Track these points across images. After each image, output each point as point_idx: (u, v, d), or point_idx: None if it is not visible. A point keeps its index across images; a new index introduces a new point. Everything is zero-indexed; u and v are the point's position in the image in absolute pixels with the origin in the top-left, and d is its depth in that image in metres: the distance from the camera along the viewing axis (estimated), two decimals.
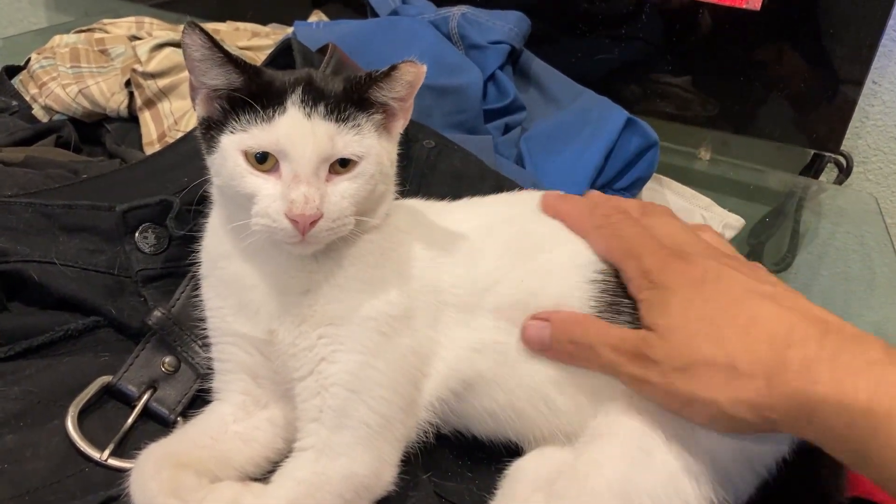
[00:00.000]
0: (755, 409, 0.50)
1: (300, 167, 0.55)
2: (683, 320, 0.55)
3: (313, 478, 0.56)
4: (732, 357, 0.51)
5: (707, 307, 0.54)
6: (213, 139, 0.58)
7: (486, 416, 0.64)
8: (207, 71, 0.57)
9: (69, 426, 0.62)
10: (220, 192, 0.61)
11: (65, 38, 1.14)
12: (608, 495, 0.55)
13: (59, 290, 0.70)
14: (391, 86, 0.59)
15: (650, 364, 0.55)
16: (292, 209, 0.54)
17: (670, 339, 0.54)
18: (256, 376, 0.64)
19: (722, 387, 0.52)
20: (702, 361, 0.53)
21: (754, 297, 0.54)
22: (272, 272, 0.61)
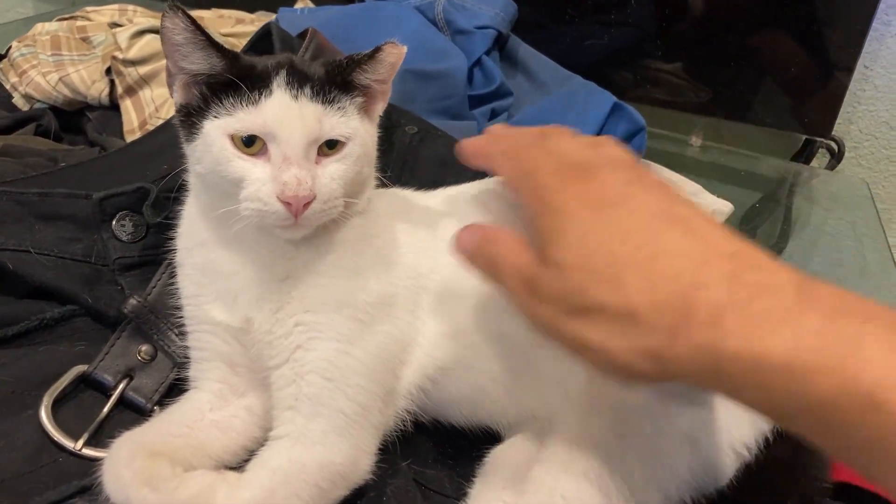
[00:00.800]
0: (654, 360, 0.44)
1: (290, 149, 0.54)
2: (579, 255, 0.47)
3: (288, 466, 0.55)
4: (631, 302, 0.44)
5: (607, 239, 0.46)
6: (194, 126, 0.57)
7: (461, 402, 0.63)
8: (189, 55, 0.56)
9: (43, 416, 0.61)
10: (202, 179, 0.60)
11: (46, 26, 1.13)
12: (584, 480, 0.54)
13: (34, 278, 0.69)
14: (374, 68, 0.59)
15: (542, 301, 0.48)
16: (285, 191, 0.53)
17: (563, 278, 0.47)
18: (233, 365, 0.63)
19: (617, 335, 0.45)
20: (597, 306, 0.45)
21: (661, 225, 0.46)
22: (251, 259, 0.60)
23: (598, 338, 0.46)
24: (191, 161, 0.60)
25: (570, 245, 0.47)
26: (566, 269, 0.47)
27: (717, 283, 0.42)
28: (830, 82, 1.34)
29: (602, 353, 0.46)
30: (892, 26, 1.34)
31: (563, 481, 0.55)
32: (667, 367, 0.44)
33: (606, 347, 0.45)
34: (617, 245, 0.46)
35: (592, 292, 0.46)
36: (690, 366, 0.43)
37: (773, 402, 0.41)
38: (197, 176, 0.60)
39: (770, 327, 0.40)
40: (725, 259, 0.44)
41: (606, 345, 0.45)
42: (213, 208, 0.59)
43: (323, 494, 0.56)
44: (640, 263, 0.45)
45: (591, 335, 0.46)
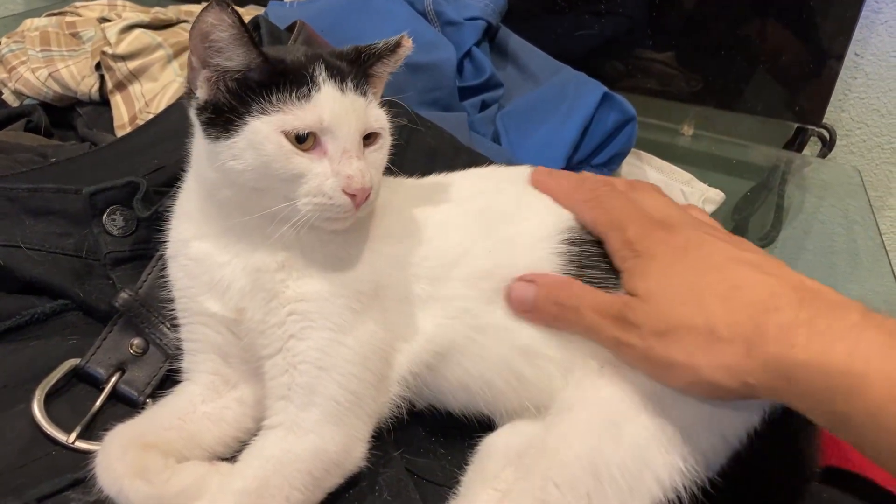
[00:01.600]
0: (734, 374, 0.50)
1: (348, 142, 0.56)
2: (665, 285, 0.55)
3: (281, 455, 0.56)
4: (712, 322, 0.51)
5: (688, 274, 0.55)
6: (232, 123, 0.55)
7: (458, 388, 0.63)
8: (225, 50, 0.55)
9: (35, 409, 0.61)
10: (235, 177, 0.56)
11: (35, 22, 1.13)
12: (577, 468, 0.54)
13: (25, 274, 0.69)
14: (394, 61, 0.62)
15: (631, 327, 0.55)
16: (351, 184, 0.55)
17: (651, 302, 0.55)
18: (226, 356, 0.64)
19: (701, 352, 0.52)
20: (681, 326, 0.53)
21: (736, 265, 0.55)
22: (248, 249, 0.60)
23: (683, 356, 0.52)
24: (218, 159, 0.56)
25: (656, 278, 0.56)
26: (654, 295, 0.55)
27: (787, 307, 0.50)
28: (821, 70, 1.34)
29: (689, 369, 0.52)
30: (882, 14, 1.34)
31: (556, 469, 0.55)
32: (744, 380, 0.50)
33: (693, 364, 0.52)
34: (698, 277, 0.54)
35: (678, 313, 0.53)
36: (765, 377, 0.49)
37: (832, 407, 0.47)
38: (222, 173, 0.57)
39: (834, 338, 0.47)
40: (794, 289, 0.51)
41: (692, 361, 0.52)
42: (258, 207, 0.57)
43: (316, 483, 0.56)
44: (718, 291, 0.53)
45: (678, 354, 0.53)
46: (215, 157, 0.57)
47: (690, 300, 0.53)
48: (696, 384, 0.53)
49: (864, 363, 0.45)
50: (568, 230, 0.64)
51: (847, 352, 0.46)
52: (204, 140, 0.58)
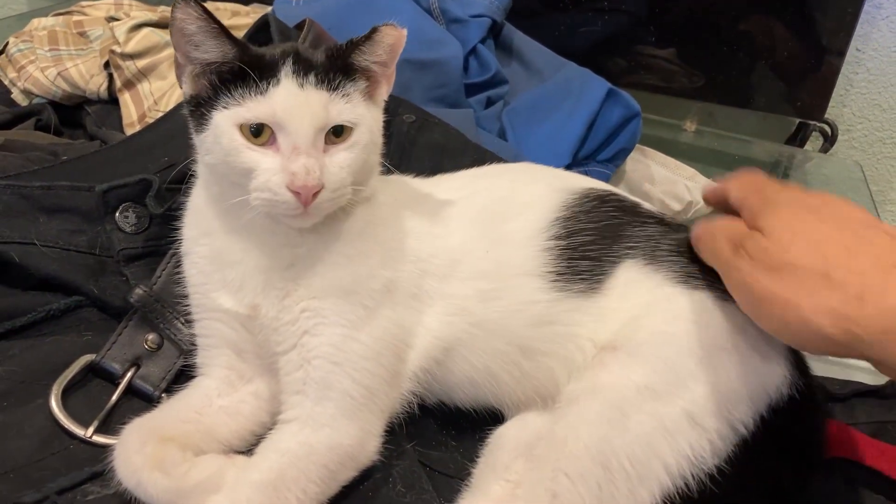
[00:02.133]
0: (839, 319, 0.49)
1: (299, 138, 0.55)
2: (788, 224, 0.54)
3: (297, 448, 0.57)
4: (829, 266, 0.50)
5: (818, 224, 0.53)
6: (204, 117, 0.57)
7: (465, 381, 0.64)
8: (200, 45, 0.56)
9: (53, 404, 0.62)
10: (212, 170, 0.60)
11: (43, 21, 1.13)
12: (586, 458, 0.55)
13: (40, 270, 0.70)
14: (373, 49, 0.59)
15: (745, 257, 0.55)
16: (294, 181, 0.54)
17: (772, 238, 0.53)
18: (240, 351, 0.64)
19: (808, 292, 0.50)
20: (797, 265, 0.51)
21: (869, 228, 0.53)
22: (256, 247, 0.61)
23: (788, 294, 0.51)
24: (200, 152, 0.60)
25: (786, 219, 0.54)
26: (774, 231, 0.54)
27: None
28: (823, 66, 1.35)
29: (791, 307, 0.51)
30: (884, 9, 1.35)
31: (565, 459, 0.56)
32: (849, 327, 0.48)
33: (796, 302, 0.50)
34: (827, 228, 0.53)
35: (794, 251, 0.52)
36: (876, 325, 0.48)
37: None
38: (206, 166, 0.61)
39: None
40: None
41: (795, 298, 0.50)
42: (223, 199, 0.59)
43: (332, 475, 0.57)
44: (844, 243, 0.51)
45: (783, 291, 0.51)
46: (199, 150, 0.60)
47: (813, 244, 0.52)
48: (792, 324, 0.51)
49: None
50: (556, 224, 0.64)
51: None
52: (193, 133, 0.60)
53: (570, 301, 0.63)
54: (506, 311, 0.63)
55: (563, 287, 0.63)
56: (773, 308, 0.52)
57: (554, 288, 0.63)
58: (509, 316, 0.63)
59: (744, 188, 0.60)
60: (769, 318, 0.54)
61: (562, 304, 0.63)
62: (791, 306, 0.51)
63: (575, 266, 0.63)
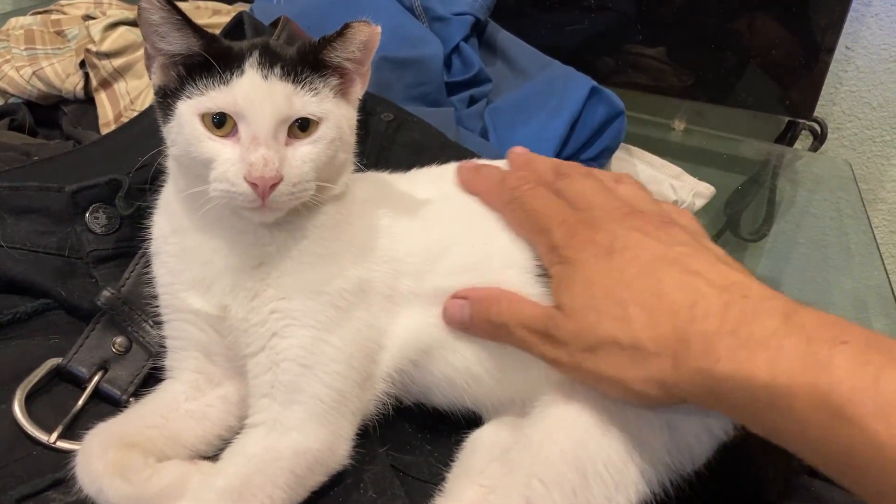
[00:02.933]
0: (664, 387, 0.50)
1: (259, 128, 0.54)
2: (588, 299, 0.54)
3: (264, 453, 0.55)
4: (637, 336, 0.51)
5: (612, 283, 0.53)
6: (170, 107, 0.57)
7: (443, 382, 0.63)
8: (165, 35, 0.56)
9: (16, 409, 0.60)
10: (177, 161, 0.59)
11: (20, 21, 1.12)
12: (562, 463, 0.54)
13: (7, 273, 0.69)
14: (345, 46, 0.58)
15: (558, 344, 0.55)
16: (252, 172, 0.53)
17: (576, 319, 0.54)
18: (210, 353, 0.63)
19: (628, 366, 0.51)
20: (607, 341, 0.52)
21: (661, 266, 0.53)
22: (225, 246, 0.60)
23: (612, 371, 0.52)
24: (168, 143, 0.59)
25: (580, 292, 0.54)
26: (578, 311, 0.54)
27: (710, 315, 0.48)
28: (812, 64, 1.34)
29: (619, 384, 0.52)
30: (873, 7, 1.34)
31: (540, 464, 0.55)
32: (672, 392, 0.50)
33: (621, 378, 0.52)
34: (622, 289, 0.53)
35: (603, 328, 0.52)
36: (691, 388, 0.49)
37: (760, 419, 0.46)
38: (173, 158, 0.60)
39: (754, 351, 0.45)
40: (719, 292, 0.49)
41: (621, 376, 0.52)
42: (186, 189, 0.58)
43: (299, 481, 0.55)
44: (643, 303, 0.51)
45: (607, 369, 0.52)
46: (166, 142, 0.59)
47: (614, 314, 0.52)
48: (628, 397, 0.53)
49: (786, 375, 0.43)
50: None
51: (768, 364, 0.44)
52: (161, 126, 0.59)
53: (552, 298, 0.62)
54: None
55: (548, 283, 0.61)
56: (606, 386, 0.54)
57: (542, 283, 0.61)
58: None
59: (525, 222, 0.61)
60: (610, 393, 0.54)
61: (549, 299, 0.62)
62: (620, 383, 0.52)
63: None
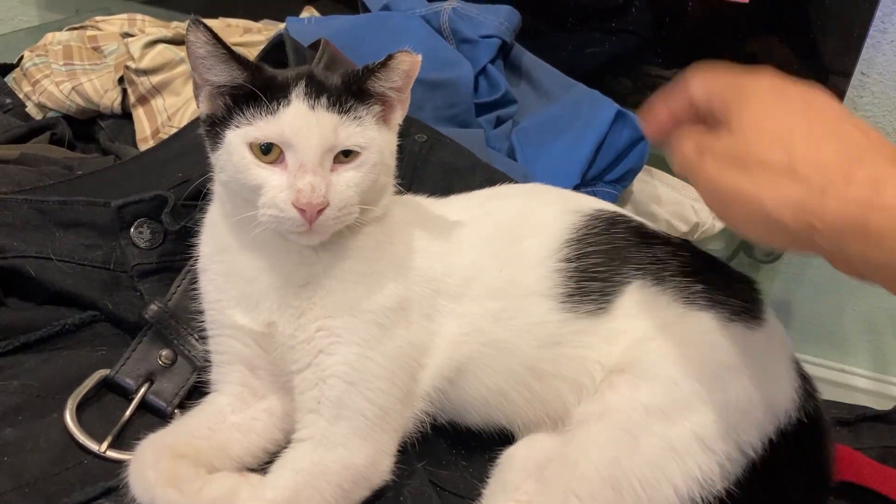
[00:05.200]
0: (800, 212, 0.48)
1: (306, 157, 0.56)
2: (757, 121, 0.52)
3: (312, 468, 0.57)
4: (794, 160, 0.49)
5: (786, 117, 0.52)
6: (218, 136, 0.59)
7: (478, 402, 0.65)
8: (211, 67, 0.58)
9: (67, 419, 0.62)
10: (225, 187, 0.61)
11: (57, 36, 1.15)
12: (597, 480, 0.56)
13: (55, 285, 0.71)
14: (388, 75, 0.60)
15: (710, 154, 0.53)
16: (299, 198, 0.55)
17: (738, 134, 0.52)
18: (254, 368, 0.65)
19: (771, 185, 0.49)
20: (762, 160, 0.50)
21: (840, 120, 0.52)
22: (272, 265, 0.62)
23: (751, 188, 0.50)
24: (216, 169, 0.61)
25: (750, 112, 0.52)
26: (743, 128, 0.52)
27: (882, 163, 0.48)
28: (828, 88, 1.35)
29: (755, 202, 0.50)
30: (889, 33, 1.36)
31: (576, 481, 0.57)
32: (810, 220, 0.48)
33: (759, 197, 0.50)
34: (793, 118, 0.51)
35: (759, 146, 0.51)
36: (836, 222, 0.47)
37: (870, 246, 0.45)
38: (221, 184, 0.62)
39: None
40: (890, 152, 0.49)
41: (757, 192, 0.50)
42: (236, 214, 0.60)
43: (345, 495, 0.57)
44: (811, 133, 0.50)
45: (747, 186, 0.51)
46: (214, 168, 0.61)
47: (779, 137, 0.50)
48: (755, 218, 0.51)
49: None
50: (567, 245, 0.65)
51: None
52: (210, 151, 0.61)
53: (579, 322, 0.64)
54: (517, 331, 0.64)
55: (573, 308, 0.64)
56: (737, 203, 0.52)
57: (563, 309, 0.64)
58: (520, 336, 0.64)
59: (709, 86, 0.57)
60: (735, 215, 0.53)
61: (571, 325, 0.64)
62: (755, 200, 0.50)
63: (584, 287, 0.64)
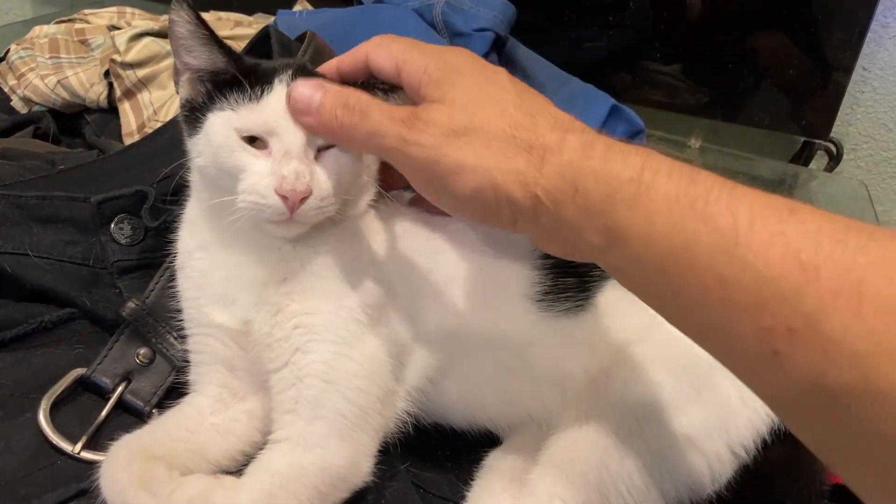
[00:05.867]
0: (524, 181, 0.48)
1: (292, 144, 0.55)
2: (471, 92, 0.51)
3: (288, 470, 0.55)
4: (515, 130, 0.48)
5: (500, 92, 0.51)
6: (198, 120, 0.57)
7: (458, 402, 0.64)
8: (192, 49, 0.57)
9: (41, 419, 0.61)
10: (202, 173, 0.60)
11: (45, 29, 1.13)
12: (583, 485, 0.54)
13: (32, 281, 0.69)
14: None
15: (424, 125, 0.50)
16: (283, 185, 0.53)
17: (454, 103, 0.51)
18: (233, 368, 0.63)
19: (494, 154, 0.48)
20: (481, 127, 0.49)
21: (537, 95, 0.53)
22: (250, 261, 0.60)
23: (474, 158, 0.49)
24: (192, 155, 0.60)
25: (464, 86, 0.51)
26: (457, 98, 0.51)
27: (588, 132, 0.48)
28: (829, 84, 1.34)
29: (480, 172, 0.49)
30: (891, 28, 1.34)
31: (562, 484, 0.55)
32: (532, 190, 0.48)
33: (484, 166, 0.49)
34: (504, 92, 0.51)
35: (481, 115, 0.49)
36: (552, 185, 0.47)
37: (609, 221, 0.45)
38: (198, 170, 0.60)
39: (626, 154, 0.45)
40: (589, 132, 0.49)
41: (483, 163, 0.49)
42: (210, 200, 0.59)
43: (323, 498, 0.56)
44: (524, 106, 0.50)
45: (469, 155, 0.49)
46: (191, 154, 0.59)
47: (496, 107, 0.50)
48: (482, 190, 0.49)
49: (651, 174, 0.43)
50: None
51: (637, 165, 0.44)
52: (186, 138, 0.60)
53: (556, 322, 0.62)
54: (494, 331, 0.63)
55: (548, 307, 0.62)
56: (462, 176, 0.49)
57: (539, 308, 0.62)
58: (497, 336, 0.63)
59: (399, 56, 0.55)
60: (460, 191, 0.50)
61: (549, 325, 0.62)
62: (481, 171, 0.49)
63: (559, 283, 0.62)
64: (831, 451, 0.38)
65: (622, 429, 0.56)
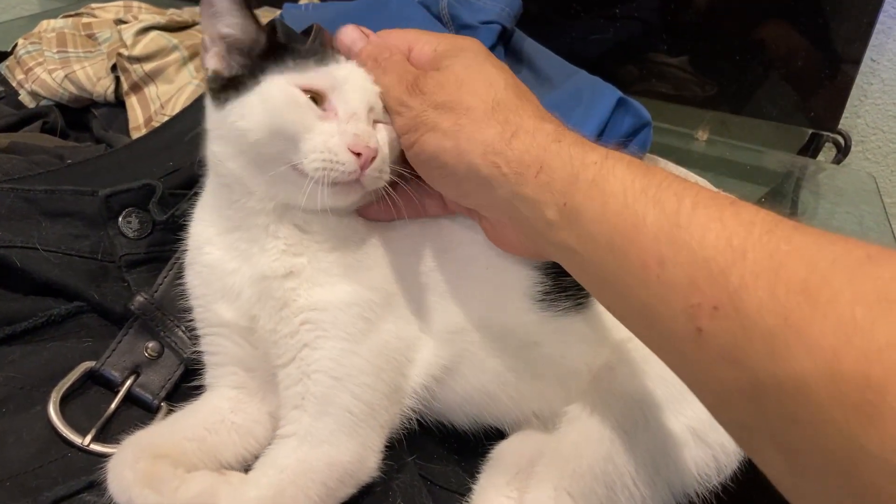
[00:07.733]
0: (488, 152, 0.51)
1: (359, 108, 0.56)
2: (470, 67, 0.56)
3: (296, 465, 0.55)
4: (498, 105, 0.53)
5: (496, 71, 0.56)
6: (236, 89, 0.56)
7: (464, 401, 0.64)
8: (229, 16, 0.57)
9: (51, 411, 0.61)
10: (239, 144, 0.57)
11: (52, 23, 1.13)
12: (590, 478, 0.54)
13: (42, 275, 0.70)
14: None
15: (417, 93, 0.56)
16: (357, 142, 0.54)
17: (447, 77, 0.55)
18: (250, 369, 0.63)
19: (467, 123, 0.52)
20: (463, 103, 0.53)
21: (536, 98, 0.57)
22: (253, 255, 0.60)
23: (449, 124, 0.53)
24: (224, 123, 0.57)
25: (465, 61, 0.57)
26: (452, 71, 0.56)
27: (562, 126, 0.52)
28: (837, 76, 1.33)
29: (451, 136, 0.53)
30: None
31: (569, 478, 0.55)
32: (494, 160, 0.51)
33: (455, 131, 0.53)
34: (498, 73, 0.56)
35: (469, 87, 0.54)
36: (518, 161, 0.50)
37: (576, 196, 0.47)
38: (227, 140, 0.58)
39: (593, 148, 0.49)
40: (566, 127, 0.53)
41: (455, 129, 0.53)
42: (264, 171, 0.57)
43: (330, 493, 0.56)
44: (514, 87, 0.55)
45: (446, 122, 0.54)
46: (221, 123, 0.58)
47: (488, 82, 0.54)
48: (449, 156, 0.53)
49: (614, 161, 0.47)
50: None
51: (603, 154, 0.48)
52: (212, 111, 0.59)
53: (559, 321, 0.62)
54: (499, 330, 0.63)
55: (551, 306, 0.62)
56: (433, 139, 0.54)
57: (541, 308, 0.62)
58: (502, 336, 0.63)
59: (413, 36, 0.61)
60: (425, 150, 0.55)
61: (552, 324, 0.62)
62: (451, 136, 0.53)
63: (560, 282, 0.62)
64: (744, 432, 0.40)
65: (627, 422, 0.56)
